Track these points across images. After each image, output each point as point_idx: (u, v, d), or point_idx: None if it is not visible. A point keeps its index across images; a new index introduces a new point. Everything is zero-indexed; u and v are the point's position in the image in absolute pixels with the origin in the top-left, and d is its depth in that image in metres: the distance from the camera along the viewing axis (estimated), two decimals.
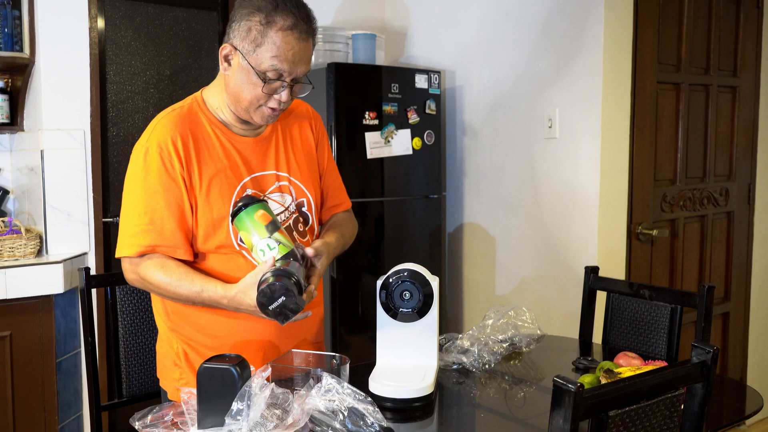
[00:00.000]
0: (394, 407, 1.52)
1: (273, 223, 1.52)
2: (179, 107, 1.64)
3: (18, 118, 2.98)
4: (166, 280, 1.54)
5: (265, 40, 1.51)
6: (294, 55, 1.52)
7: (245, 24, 1.52)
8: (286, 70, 1.53)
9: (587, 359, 1.86)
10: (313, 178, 1.76)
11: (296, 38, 1.52)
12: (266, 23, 1.50)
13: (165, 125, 1.59)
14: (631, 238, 2.91)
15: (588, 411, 1.07)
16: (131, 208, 1.58)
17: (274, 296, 1.39)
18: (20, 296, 2.63)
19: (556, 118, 2.93)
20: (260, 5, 1.51)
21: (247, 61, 1.53)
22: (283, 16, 1.50)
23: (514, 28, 3.13)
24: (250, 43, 1.52)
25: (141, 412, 1.34)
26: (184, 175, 1.57)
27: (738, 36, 3.29)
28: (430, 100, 3.32)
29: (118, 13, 3.19)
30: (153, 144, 1.57)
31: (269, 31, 1.50)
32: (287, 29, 1.50)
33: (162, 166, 1.56)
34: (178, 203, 1.57)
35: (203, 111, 1.64)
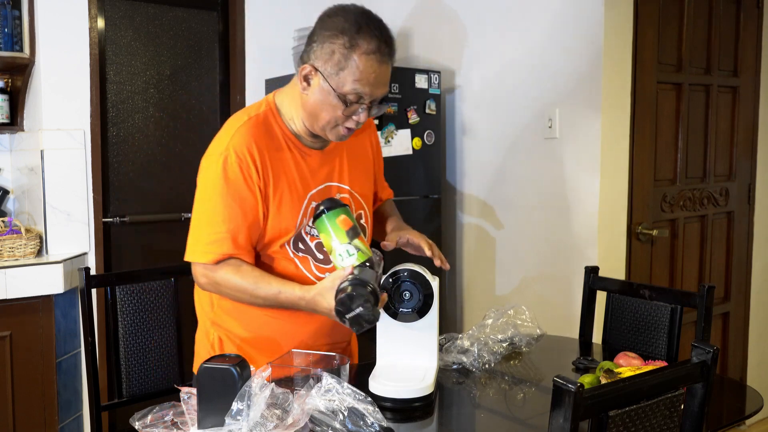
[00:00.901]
0: (394, 407, 1.52)
1: (353, 229, 1.56)
2: (255, 114, 1.63)
3: (18, 118, 2.98)
4: (243, 283, 1.57)
5: (349, 63, 1.51)
6: (376, 78, 1.53)
7: (328, 46, 1.52)
8: (367, 93, 1.54)
9: (587, 359, 1.86)
10: (370, 190, 1.81)
11: (378, 61, 1.52)
12: (350, 46, 1.51)
13: (243, 134, 1.59)
14: (631, 238, 2.91)
15: (588, 411, 1.07)
16: (209, 214, 1.59)
17: (352, 306, 1.43)
18: (20, 296, 2.63)
19: (556, 118, 2.93)
20: (344, 27, 1.52)
21: (329, 83, 1.53)
22: (366, 39, 1.51)
23: (514, 27, 3.13)
24: (333, 66, 1.52)
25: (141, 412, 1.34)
26: (261, 185, 1.59)
27: (738, 36, 3.29)
28: (430, 100, 3.32)
29: (118, 13, 3.19)
30: (232, 152, 1.57)
31: (353, 54, 1.51)
32: (370, 53, 1.51)
33: (241, 175, 1.56)
34: (254, 213, 1.59)
35: (276, 120, 1.65)
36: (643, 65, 2.87)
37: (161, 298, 2.15)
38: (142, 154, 3.28)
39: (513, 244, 3.20)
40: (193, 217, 1.63)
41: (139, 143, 3.27)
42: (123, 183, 3.23)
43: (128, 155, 3.24)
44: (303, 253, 1.67)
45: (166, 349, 2.14)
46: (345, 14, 1.55)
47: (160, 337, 2.13)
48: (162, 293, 2.15)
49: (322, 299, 1.50)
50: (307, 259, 1.68)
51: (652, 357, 1.89)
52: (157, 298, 2.14)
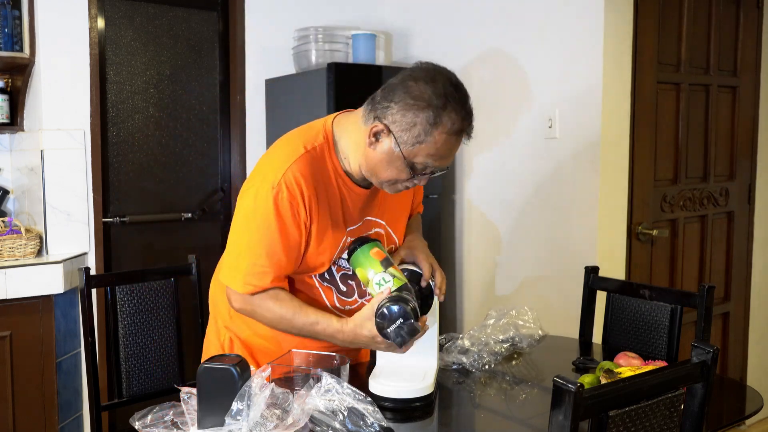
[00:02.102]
0: (394, 407, 1.52)
1: (387, 260, 1.59)
2: (312, 148, 1.58)
3: (18, 118, 2.98)
4: (281, 312, 1.58)
5: (428, 138, 1.47)
6: (449, 154, 1.52)
7: (410, 116, 1.47)
8: (440, 164, 1.52)
9: (587, 359, 1.86)
10: (404, 221, 1.81)
11: (458, 140, 1.50)
12: (433, 123, 1.46)
13: (297, 170, 1.54)
14: (631, 238, 2.91)
15: (588, 411, 1.07)
16: (253, 244, 1.57)
17: (393, 318, 1.46)
18: (20, 296, 2.63)
19: (556, 118, 2.93)
20: (430, 99, 1.46)
21: (401, 150, 1.50)
22: (451, 118, 1.46)
23: (514, 27, 3.13)
24: (411, 137, 1.48)
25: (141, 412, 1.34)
26: (307, 222, 1.57)
27: (738, 36, 3.29)
28: None
29: (118, 13, 3.19)
30: (284, 188, 1.53)
31: (434, 131, 1.46)
32: (454, 133, 1.48)
33: (290, 212, 1.54)
34: (297, 249, 1.58)
35: (331, 156, 1.61)
36: (643, 65, 2.87)
37: (161, 298, 2.15)
38: (142, 154, 3.28)
39: (513, 244, 3.20)
40: (234, 240, 1.61)
41: (139, 143, 3.27)
42: (123, 183, 3.23)
43: (128, 155, 3.24)
44: (328, 284, 1.68)
45: (166, 349, 2.14)
46: (434, 85, 1.47)
47: (160, 337, 2.13)
48: (162, 293, 2.15)
49: (361, 329, 1.51)
50: (331, 290, 1.68)
51: (652, 357, 1.89)
52: (157, 298, 2.14)
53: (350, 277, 1.69)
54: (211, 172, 3.48)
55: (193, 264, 2.23)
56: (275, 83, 3.41)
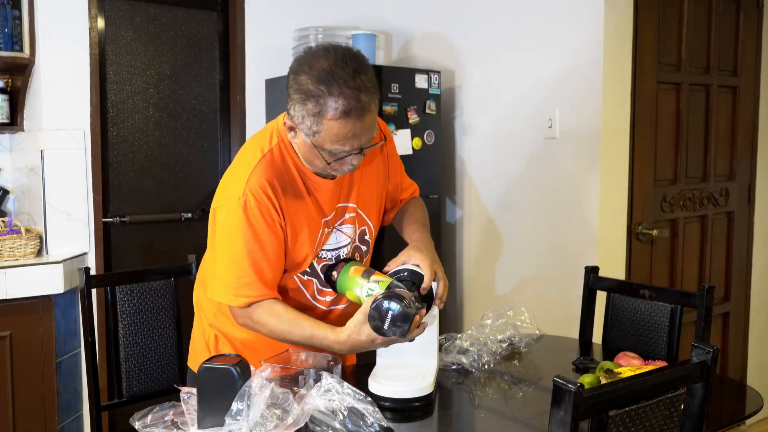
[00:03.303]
0: (394, 407, 1.52)
1: (367, 271, 1.62)
2: (268, 151, 1.60)
3: (18, 118, 2.98)
4: (278, 327, 1.58)
5: (321, 127, 1.46)
6: (355, 134, 1.48)
7: (299, 109, 1.48)
8: (349, 147, 1.50)
9: (587, 359, 1.86)
10: (378, 202, 1.78)
11: (354, 119, 1.45)
12: (317, 113, 1.45)
13: (258, 175, 1.57)
14: (631, 238, 2.91)
15: (588, 411, 1.07)
16: (235, 259, 1.58)
17: (384, 314, 1.46)
18: (20, 296, 2.63)
19: (556, 118, 2.93)
20: (308, 90, 1.44)
21: (310, 140, 1.50)
22: (335, 100, 1.43)
23: (514, 27, 3.13)
24: (308, 129, 1.49)
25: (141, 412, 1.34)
26: (282, 223, 1.59)
27: (738, 36, 3.29)
28: (430, 100, 3.32)
29: (118, 13, 3.19)
30: (250, 196, 1.55)
31: (322, 120, 1.45)
32: (340, 116, 1.44)
33: (262, 218, 1.56)
34: (278, 252, 1.60)
35: (290, 153, 1.62)
36: (643, 65, 2.87)
37: (161, 298, 2.15)
38: (142, 154, 3.28)
39: (513, 244, 3.20)
40: (217, 260, 1.64)
41: (139, 143, 3.27)
42: (123, 183, 3.23)
43: (128, 155, 3.24)
44: (308, 277, 1.69)
45: (166, 349, 2.14)
46: (310, 72, 1.45)
47: (160, 337, 2.13)
48: (162, 293, 2.15)
49: (358, 336, 1.50)
50: (312, 282, 1.70)
51: (652, 357, 1.89)
52: (157, 298, 2.14)
53: (332, 268, 1.70)
54: (211, 172, 3.48)
55: (193, 264, 2.23)
56: (275, 83, 3.41)
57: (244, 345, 1.73)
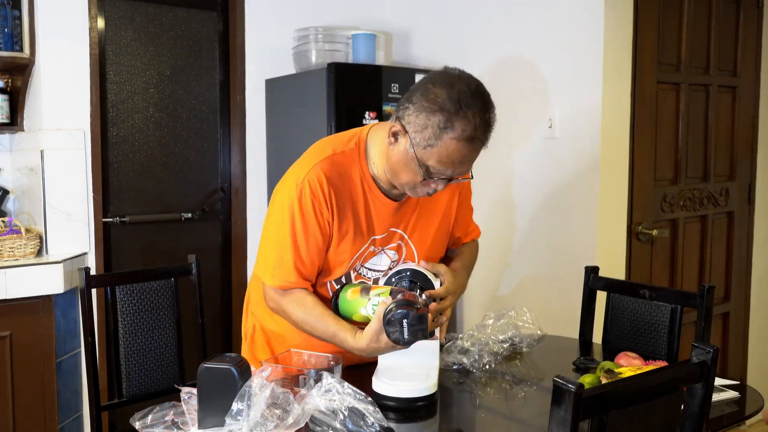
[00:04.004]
0: (397, 407, 1.52)
1: (364, 289, 1.62)
2: (340, 152, 1.62)
3: (18, 118, 2.98)
4: (305, 318, 1.63)
5: (438, 143, 1.46)
6: (462, 161, 1.49)
7: (423, 118, 1.47)
8: (450, 172, 1.51)
9: (587, 359, 1.86)
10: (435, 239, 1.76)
11: (469, 147, 1.48)
12: (444, 127, 1.45)
13: (321, 169, 1.59)
14: (631, 238, 2.91)
15: (588, 411, 1.07)
16: (280, 239, 1.62)
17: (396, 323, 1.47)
18: (20, 296, 2.63)
19: (556, 118, 2.93)
20: (443, 103, 1.45)
21: (414, 151, 1.50)
22: (463, 124, 1.44)
23: (514, 27, 3.13)
24: (423, 139, 1.48)
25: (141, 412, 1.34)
26: (330, 221, 1.61)
27: (738, 36, 3.29)
28: None
29: (118, 13, 3.19)
30: (307, 185, 1.58)
31: (444, 136, 1.45)
32: (463, 139, 1.45)
33: (312, 209, 1.59)
34: (320, 246, 1.62)
35: (361, 161, 1.63)
36: (643, 65, 2.87)
37: (161, 298, 2.15)
38: (142, 154, 3.28)
39: (513, 244, 3.20)
40: (265, 236, 1.68)
41: (139, 143, 3.27)
42: (123, 183, 3.23)
43: (128, 155, 3.24)
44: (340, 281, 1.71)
45: (166, 349, 2.14)
46: (449, 89, 1.46)
47: (160, 337, 2.13)
48: (162, 293, 2.15)
49: (377, 344, 1.52)
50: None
51: (652, 357, 1.89)
52: (157, 298, 2.14)
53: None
54: (211, 172, 3.48)
55: (193, 264, 2.23)
56: (275, 83, 3.41)
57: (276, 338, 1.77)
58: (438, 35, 3.56)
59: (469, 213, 1.89)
